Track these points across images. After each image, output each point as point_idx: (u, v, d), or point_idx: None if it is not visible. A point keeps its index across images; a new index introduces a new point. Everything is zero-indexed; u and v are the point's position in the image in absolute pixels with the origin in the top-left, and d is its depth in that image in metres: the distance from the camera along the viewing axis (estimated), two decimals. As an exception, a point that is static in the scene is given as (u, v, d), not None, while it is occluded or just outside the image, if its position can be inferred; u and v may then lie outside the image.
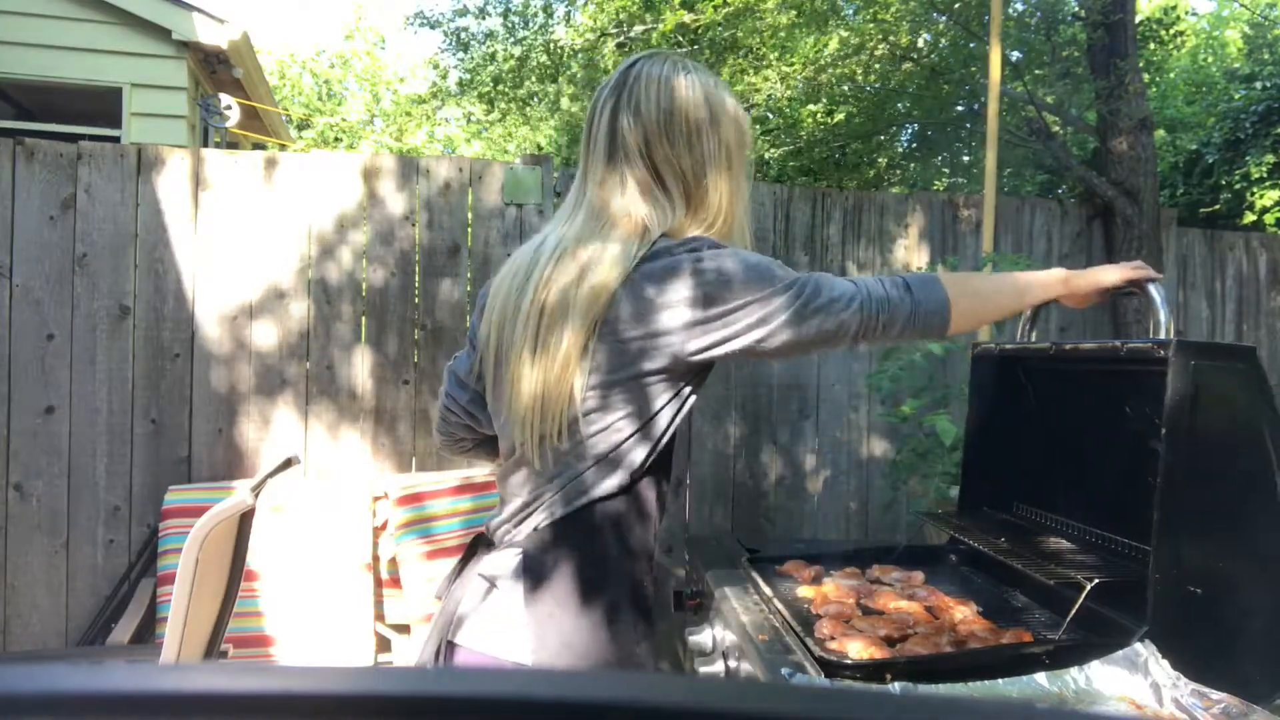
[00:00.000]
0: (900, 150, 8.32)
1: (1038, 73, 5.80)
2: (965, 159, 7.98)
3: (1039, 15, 5.77)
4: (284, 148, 7.19)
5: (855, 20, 6.44)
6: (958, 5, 5.52)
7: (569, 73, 7.88)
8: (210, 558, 1.81)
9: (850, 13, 6.55)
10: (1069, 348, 1.54)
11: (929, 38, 6.38)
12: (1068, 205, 4.53)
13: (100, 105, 5.25)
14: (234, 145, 6.31)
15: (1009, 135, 4.98)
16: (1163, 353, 1.22)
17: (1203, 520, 1.22)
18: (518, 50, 8.00)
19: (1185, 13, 10.88)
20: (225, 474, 3.36)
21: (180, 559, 1.74)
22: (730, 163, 1.15)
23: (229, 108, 5.57)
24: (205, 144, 5.68)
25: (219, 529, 1.80)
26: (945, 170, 8.52)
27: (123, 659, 2.73)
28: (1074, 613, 1.27)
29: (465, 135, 15.52)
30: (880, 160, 8.24)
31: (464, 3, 8.26)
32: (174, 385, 3.33)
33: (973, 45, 5.77)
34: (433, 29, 8.50)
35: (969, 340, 2.69)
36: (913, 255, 4.14)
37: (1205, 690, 1.07)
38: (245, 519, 2.05)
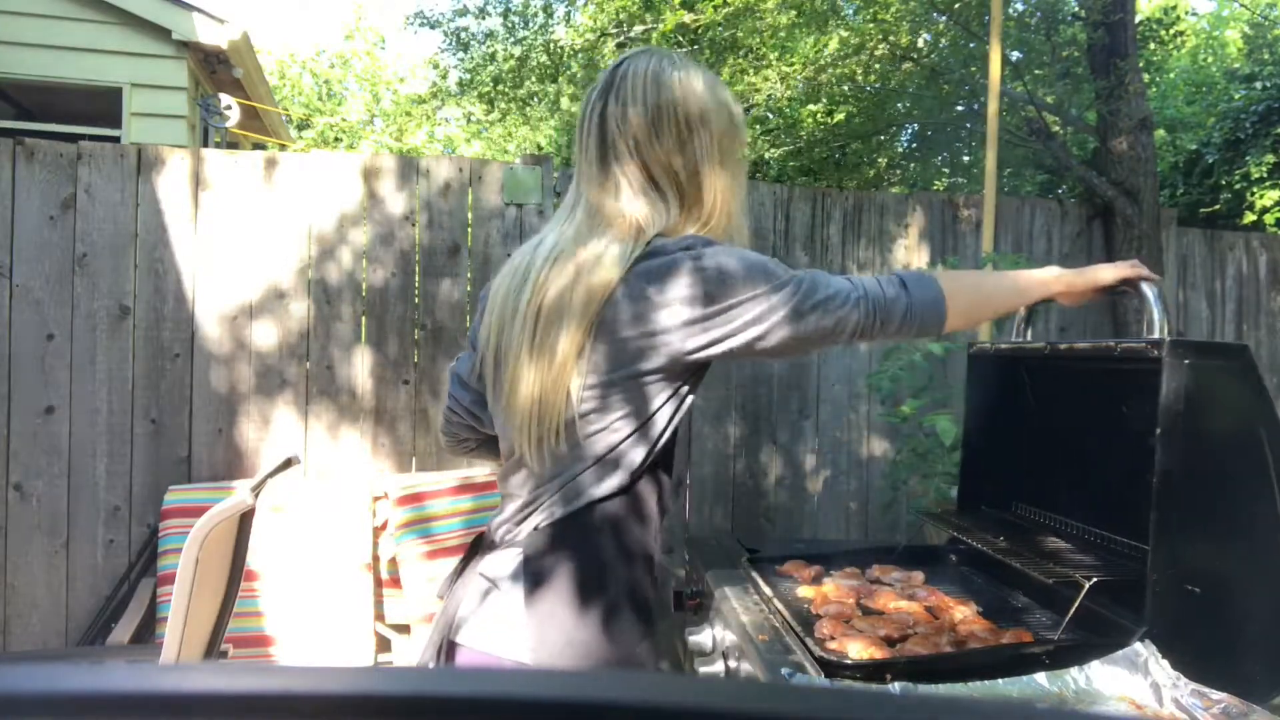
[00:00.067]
0: (900, 150, 8.31)
1: (1038, 73, 5.80)
2: (965, 159, 7.98)
3: (1039, 15, 5.77)
4: (284, 148, 7.19)
5: (855, 20, 6.44)
6: (958, 5, 5.52)
7: (569, 73, 7.88)
8: (210, 558, 1.81)
9: (850, 13, 6.54)
10: (1064, 347, 1.54)
11: (929, 38, 6.38)
12: (1068, 205, 4.53)
13: (100, 105, 5.25)
14: (234, 145, 6.31)
15: (1009, 135, 4.98)
16: (1156, 352, 1.22)
17: (1200, 519, 1.22)
18: (518, 50, 8.00)
19: (1185, 13, 10.88)
20: (225, 474, 3.36)
21: (180, 559, 1.74)
22: (723, 158, 1.14)
23: (229, 108, 5.57)
24: (205, 144, 5.68)
25: (219, 529, 1.80)
26: (945, 170, 8.51)
27: (123, 659, 2.73)
28: (1073, 611, 1.27)
29: (465, 135, 15.52)
30: (880, 160, 8.23)
31: (464, 3, 8.26)
32: (174, 385, 3.33)
33: (973, 45, 5.77)
34: (433, 29, 8.51)
35: (969, 340, 2.69)
36: (913, 255, 4.14)
37: (1205, 690, 1.07)
38: (245, 519, 2.06)
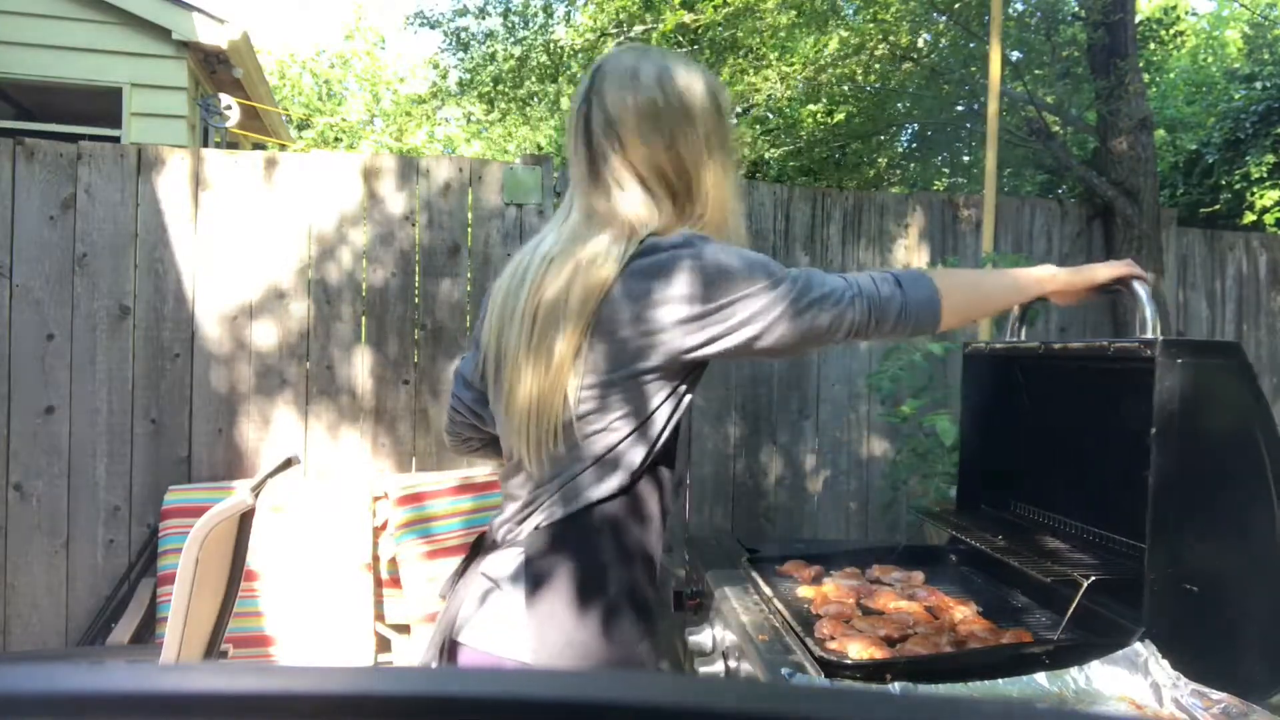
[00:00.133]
0: (900, 150, 8.31)
1: (1038, 73, 5.80)
2: (965, 159, 7.98)
3: (1039, 15, 5.77)
4: (284, 148, 7.19)
5: (855, 20, 6.44)
6: (958, 5, 5.52)
7: (569, 73, 7.87)
8: (210, 558, 1.81)
9: (850, 13, 6.54)
10: (1059, 347, 1.54)
11: (929, 38, 6.38)
12: (1068, 205, 4.53)
13: (100, 105, 5.25)
14: (234, 145, 6.31)
15: (1009, 135, 4.98)
16: (1149, 351, 1.22)
17: (1197, 518, 1.22)
18: (518, 50, 8.00)
19: (1185, 13, 10.88)
20: (225, 474, 3.36)
21: (180, 559, 1.74)
22: (711, 150, 1.12)
23: (229, 108, 5.57)
24: (205, 144, 5.68)
25: (219, 529, 1.80)
26: (945, 170, 8.51)
27: (123, 659, 2.73)
28: (1073, 610, 1.27)
29: (465, 135, 15.52)
30: (880, 160, 8.23)
31: (464, 3, 8.26)
32: (174, 385, 3.33)
33: (973, 45, 5.77)
34: (433, 29, 8.51)
35: (968, 339, 2.69)
36: (913, 255, 4.14)
37: (1205, 690, 1.07)
38: (245, 519, 2.05)
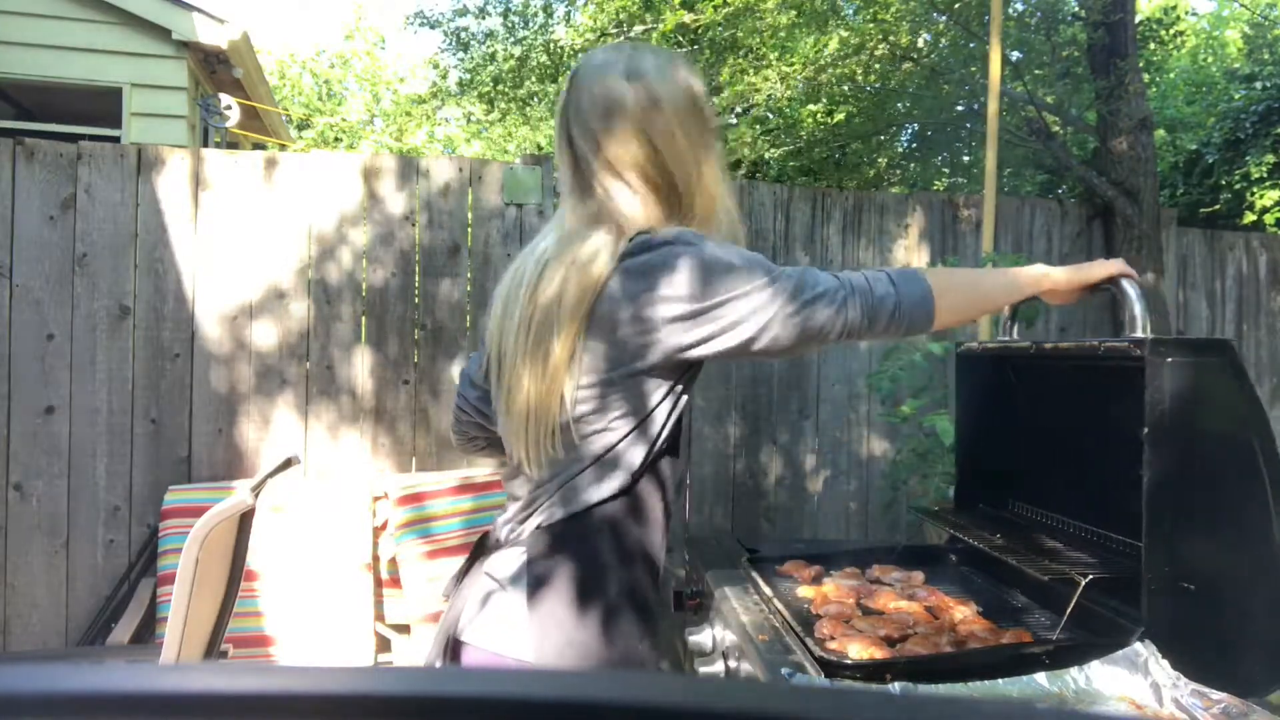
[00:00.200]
0: (900, 150, 8.30)
1: (1038, 73, 5.80)
2: (965, 159, 7.98)
3: (1039, 15, 5.77)
4: (284, 148, 7.19)
5: (855, 20, 6.43)
6: (958, 5, 5.51)
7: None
8: (210, 558, 1.81)
9: (850, 13, 6.54)
10: (1049, 347, 1.54)
11: (929, 38, 6.37)
12: (1068, 205, 4.53)
13: (100, 105, 5.25)
14: (234, 145, 6.31)
15: (1009, 135, 4.98)
16: (1139, 351, 1.22)
17: (1192, 516, 1.22)
18: (518, 50, 8.01)
19: (1185, 13, 10.88)
20: (225, 474, 3.36)
21: (180, 559, 1.74)
22: (690, 141, 1.11)
23: (229, 108, 5.57)
24: (205, 144, 5.67)
25: (219, 529, 1.80)
26: (945, 170, 8.51)
27: (123, 659, 2.73)
28: (1071, 608, 1.27)
29: (465, 135, 15.52)
30: (880, 160, 8.22)
31: (464, 3, 8.26)
32: (174, 385, 3.33)
33: (973, 45, 5.77)
34: (433, 29, 8.51)
35: (962, 339, 2.69)
36: (913, 255, 4.14)
37: (1205, 690, 1.07)
38: (245, 519, 2.05)
